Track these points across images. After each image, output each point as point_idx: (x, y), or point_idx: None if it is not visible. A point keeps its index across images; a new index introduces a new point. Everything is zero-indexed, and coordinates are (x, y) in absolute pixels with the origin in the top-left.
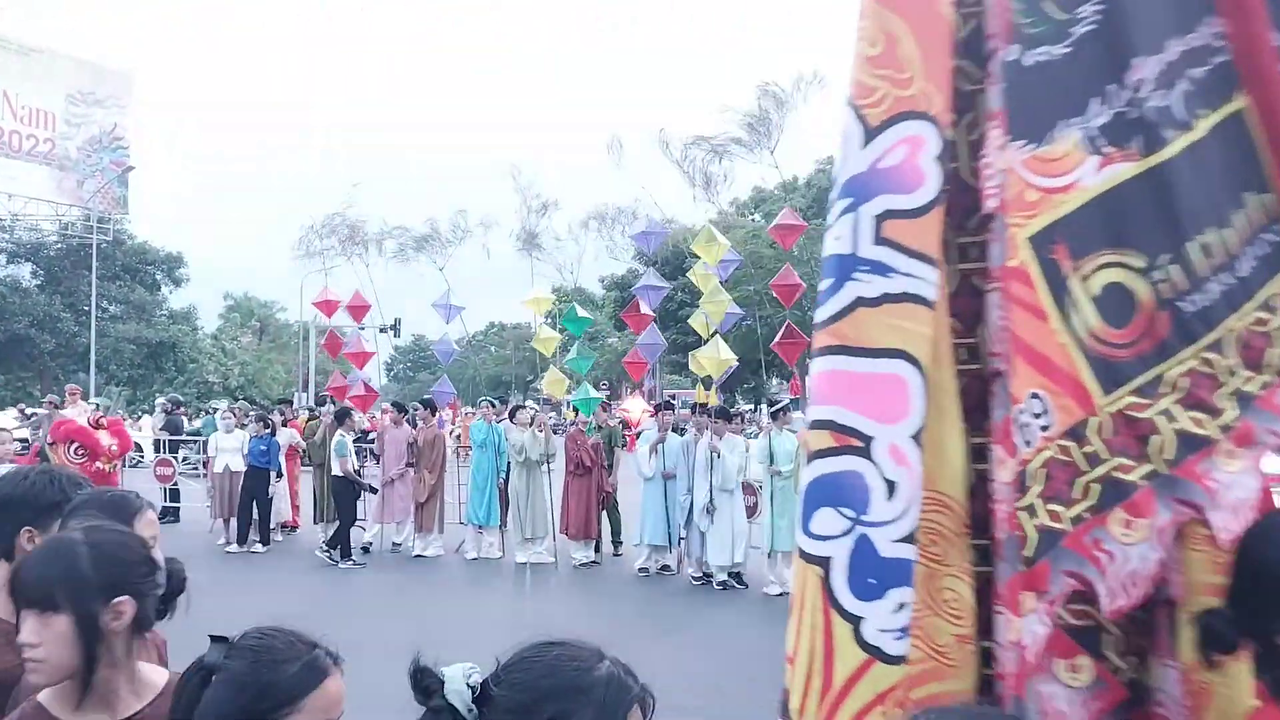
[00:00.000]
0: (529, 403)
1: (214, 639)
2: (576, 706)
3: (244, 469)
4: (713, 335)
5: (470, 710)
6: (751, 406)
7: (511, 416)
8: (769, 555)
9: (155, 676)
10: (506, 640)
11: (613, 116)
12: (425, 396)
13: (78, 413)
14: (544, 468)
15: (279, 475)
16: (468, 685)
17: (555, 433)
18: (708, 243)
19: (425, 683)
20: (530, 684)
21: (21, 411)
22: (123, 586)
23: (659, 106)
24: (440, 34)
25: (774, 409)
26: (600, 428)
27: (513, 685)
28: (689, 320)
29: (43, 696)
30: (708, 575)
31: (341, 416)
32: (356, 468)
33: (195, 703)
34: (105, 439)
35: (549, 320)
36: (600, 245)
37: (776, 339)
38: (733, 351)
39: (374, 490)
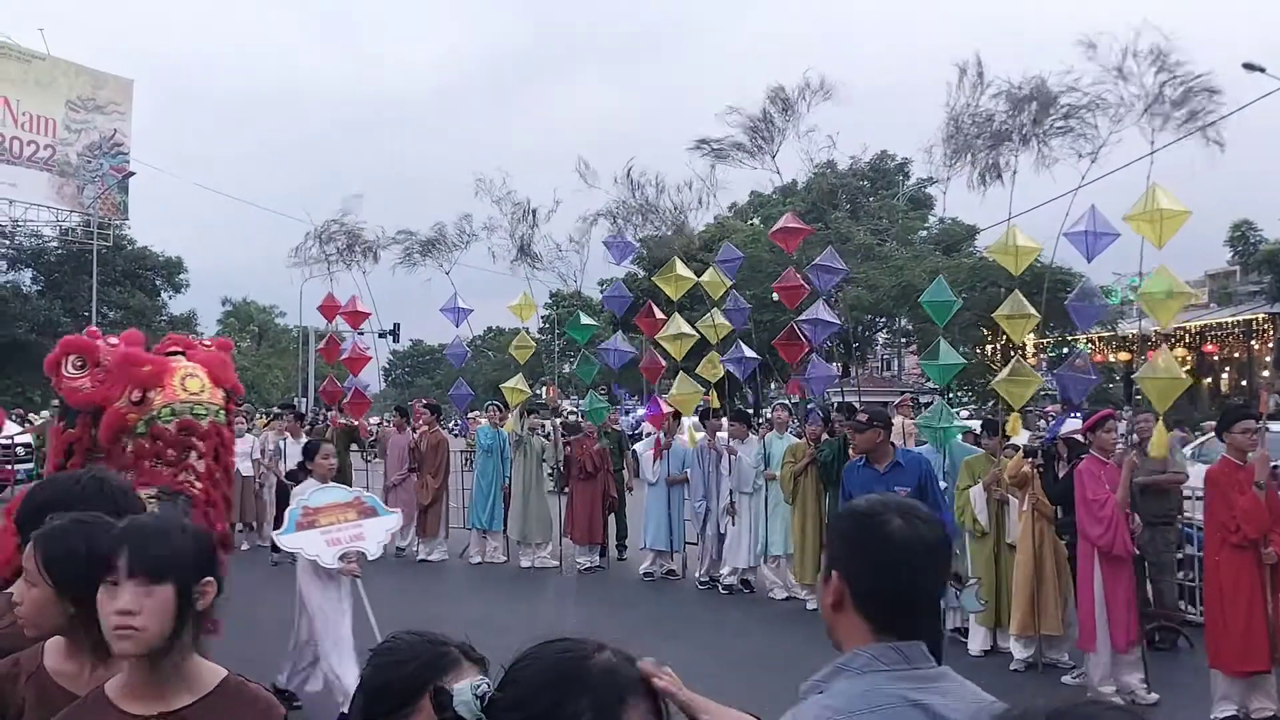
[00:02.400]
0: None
1: (372, 652)
2: (570, 696)
3: (252, 474)
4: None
5: (479, 718)
6: (751, 410)
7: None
8: (764, 559)
9: (210, 674)
10: (511, 644)
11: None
12: (428, 401)
13: None
14: (550, 473)
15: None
16: (475, 695)
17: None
18: (673, 278)
19: (439, 699)
20: (527, 679)
21: (21, 417)
22: (210, 569)
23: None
24: (446, 41)
25: (772, 406)
26: (608, 432)
27: (511, 683)
28: (697, 325)
29: (109, 685)
30: (714, 579)
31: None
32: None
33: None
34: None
35: (546, 324)
36: (599, 249)
37: (778, 338)
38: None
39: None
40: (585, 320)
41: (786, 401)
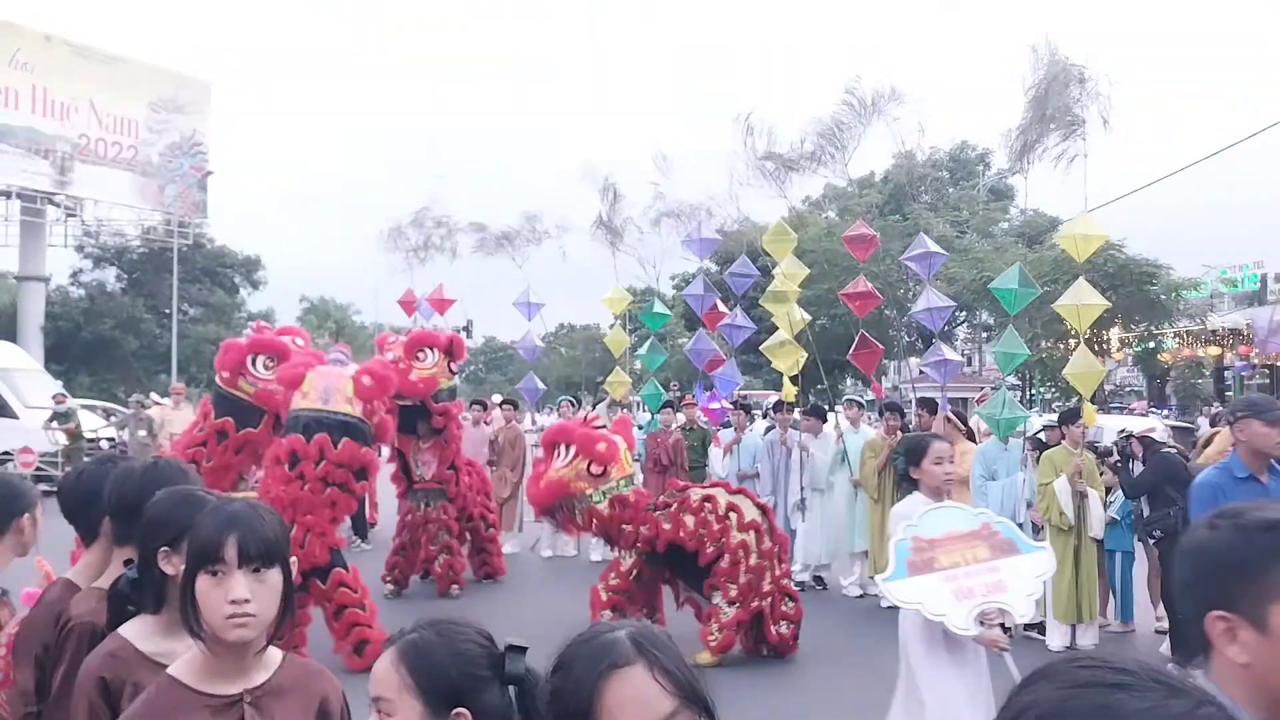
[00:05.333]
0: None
1: (510, 648)
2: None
3: None
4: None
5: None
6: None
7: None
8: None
9: (271, 650)
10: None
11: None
12: (506, 396)
13: (182, 415)
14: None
15: None
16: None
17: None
18: (778, 238)
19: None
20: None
21: (105, 411)
22: (288, 549)
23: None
24: (514, 41)
25: (845, 400)
26: (693, 428)
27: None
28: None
29: (174, 669)
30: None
31: None
32: None
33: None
34: None
35: (620, 321)
36: (675, 243)
37: (851, 350)
38: (807, 350)
39: None
40: (659, 309)
41: (857, 397)
